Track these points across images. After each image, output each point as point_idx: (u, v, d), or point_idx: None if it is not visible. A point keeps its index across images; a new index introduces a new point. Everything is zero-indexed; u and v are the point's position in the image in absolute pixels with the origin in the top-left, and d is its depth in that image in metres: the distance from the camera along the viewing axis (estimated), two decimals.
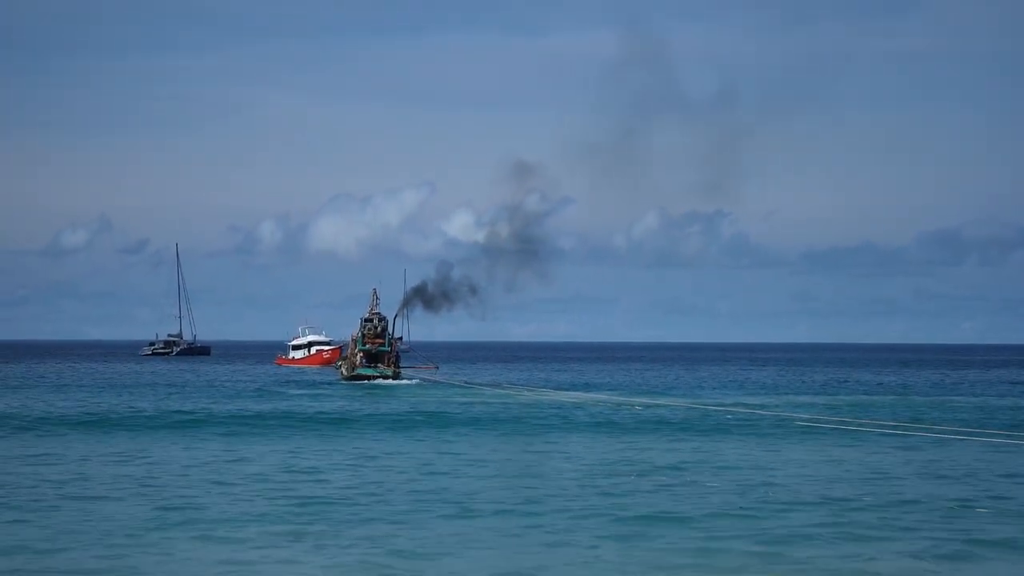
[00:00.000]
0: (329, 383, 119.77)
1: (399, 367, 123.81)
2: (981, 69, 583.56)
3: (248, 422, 70.84)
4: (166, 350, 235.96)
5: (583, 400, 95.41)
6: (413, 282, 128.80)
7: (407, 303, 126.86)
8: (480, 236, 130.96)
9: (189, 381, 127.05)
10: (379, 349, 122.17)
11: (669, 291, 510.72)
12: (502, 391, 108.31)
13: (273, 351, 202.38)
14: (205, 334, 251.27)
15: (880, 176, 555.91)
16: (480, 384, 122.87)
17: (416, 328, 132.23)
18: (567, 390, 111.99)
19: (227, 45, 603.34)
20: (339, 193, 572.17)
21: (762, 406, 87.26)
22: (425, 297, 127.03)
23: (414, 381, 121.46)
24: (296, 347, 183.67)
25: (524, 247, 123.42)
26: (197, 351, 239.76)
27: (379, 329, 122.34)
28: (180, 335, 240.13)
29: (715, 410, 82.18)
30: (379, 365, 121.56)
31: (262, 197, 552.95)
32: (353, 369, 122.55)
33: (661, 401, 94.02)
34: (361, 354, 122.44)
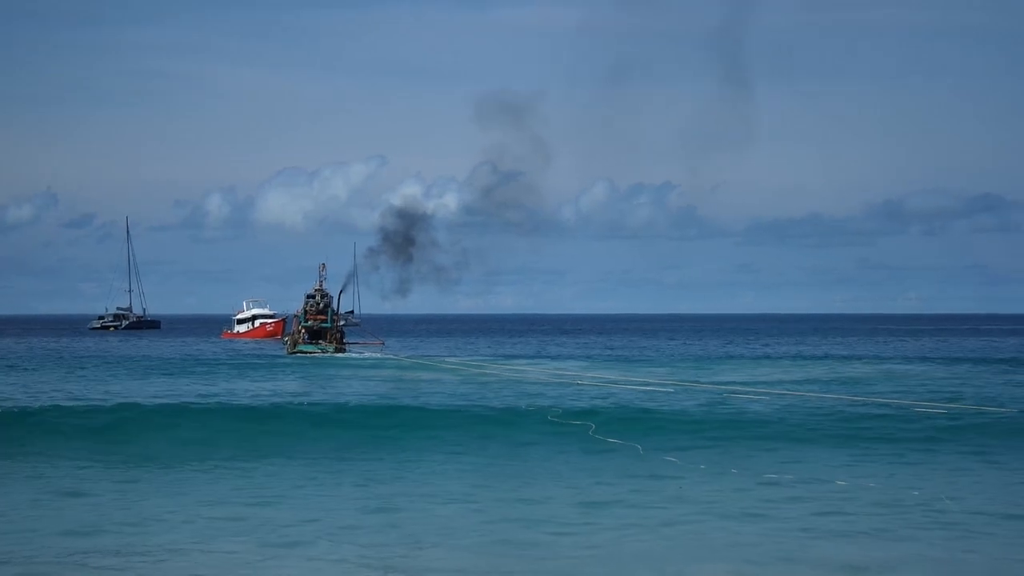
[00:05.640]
0: (273, 356, 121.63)
1: (343, 343, 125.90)
2: (926, 41, 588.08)
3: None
4: (115, 323, 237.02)
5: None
6: (362, 253, 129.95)
7: (355, 275, 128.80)
8: (430, 208, 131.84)
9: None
10: (321, 326, 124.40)
11: (617, 263, 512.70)
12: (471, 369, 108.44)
13: (221, 325, 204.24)
14: (154, 308, 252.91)
15: (825, 147, 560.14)
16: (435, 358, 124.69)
17: (364, 301, 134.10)
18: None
19: (174, 17, 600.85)
20: (287, 167, 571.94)
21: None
22: (397, 250, 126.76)
23: (363, 355, 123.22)
24: (240, 320, 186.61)
25: (509, 215, 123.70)
26: (146, 325, 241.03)
27: (321, 306, 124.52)
28: (130, 309, 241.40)
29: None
30: (321, 342, 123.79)
31: (209, 171, 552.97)
32: (295, 346, 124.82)
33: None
34: (303, 330, 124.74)
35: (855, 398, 67.44)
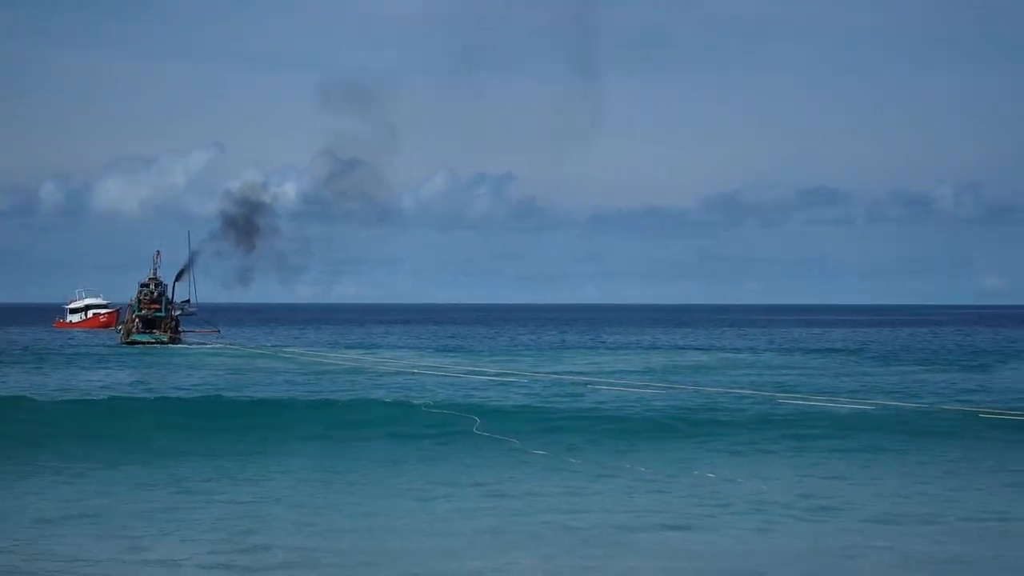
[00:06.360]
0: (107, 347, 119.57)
1: (178, 332, 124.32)
2: (767, 37, 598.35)
3: None
4: None
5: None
6: (198, 241, 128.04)
7: (191, 264, 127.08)
8: (269, 196, 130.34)
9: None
10: (155, 315, 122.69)
11: (458, 252, 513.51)
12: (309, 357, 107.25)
13: (53, 314, 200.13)
14: None
15: (666, 140, 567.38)
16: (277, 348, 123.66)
17: (207, 290, 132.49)
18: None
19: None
20: (123, 154, 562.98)
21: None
22: (239, 237, 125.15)
23: (201, 345, 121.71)
24: (74, 310, 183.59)
25: (350, 203, 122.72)
26: None
27: (155, 294, 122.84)
28: None
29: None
30: (155, 331, 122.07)
31: (43, 157, 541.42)
32: (128, 335, 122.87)
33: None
34: (137, 319, 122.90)
35: (690, 388, 68.23)
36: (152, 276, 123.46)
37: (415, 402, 59.90)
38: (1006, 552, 28.67)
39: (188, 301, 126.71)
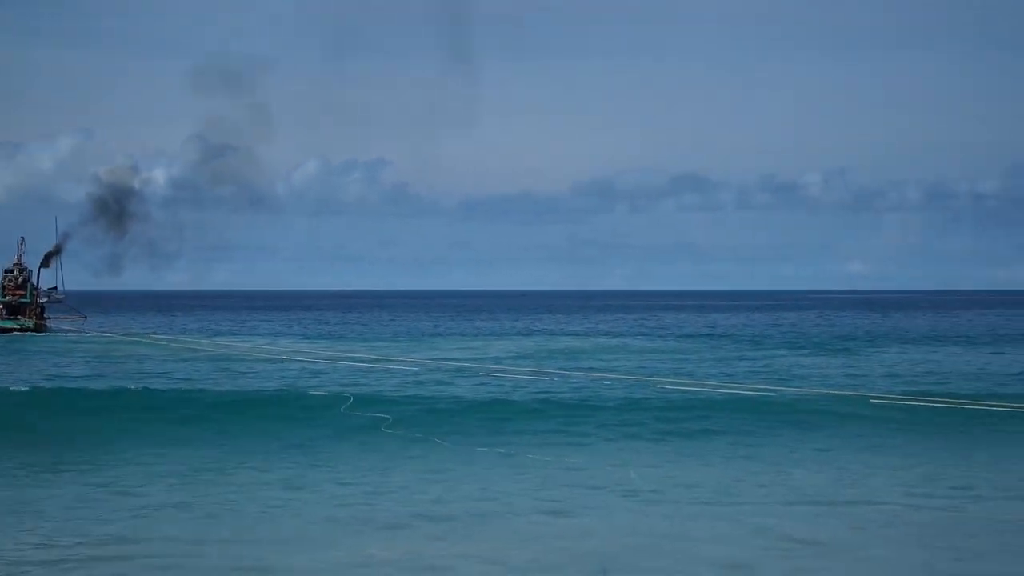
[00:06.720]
0: None
1: (43, 319, 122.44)
2: (648, 23, 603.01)
3: None
4: None
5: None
6: (68, 226, 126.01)
7: (58, 252, 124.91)
8: (138, 181, 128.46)
9: None
10: (19, 301, 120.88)
11: (331, 238, 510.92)
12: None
13: None
14: None
15: (538, 125, 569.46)
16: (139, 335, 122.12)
17: (78, 277, 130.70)
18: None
19: None
20: None
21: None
22: (108, 224, 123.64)
23: (65, 331, 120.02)
24: None
25: (222, 189, 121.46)
26: None
27: (20, 281, 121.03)
28: None
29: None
30: (19, 317, 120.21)
31: None
32: None
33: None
34: (1, 306, 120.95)
35: (562, 372, 68.54)
36: (16, 262, 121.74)
37: (287, 388, 59.59)
38: (865, 532, 29.23)
39: (55, 288, 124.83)
